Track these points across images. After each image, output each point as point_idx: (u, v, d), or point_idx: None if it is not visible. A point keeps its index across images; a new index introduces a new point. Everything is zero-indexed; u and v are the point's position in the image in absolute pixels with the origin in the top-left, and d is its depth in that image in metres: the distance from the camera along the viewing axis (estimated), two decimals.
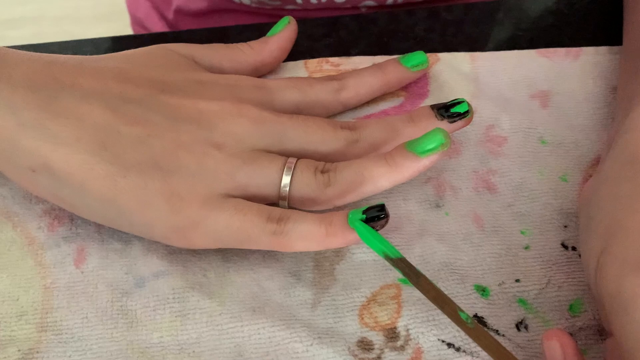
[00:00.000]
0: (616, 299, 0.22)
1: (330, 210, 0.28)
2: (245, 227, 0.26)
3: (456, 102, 0.30)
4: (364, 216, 0.26)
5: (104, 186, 0.26)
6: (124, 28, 0.59)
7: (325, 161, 0.29)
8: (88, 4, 1.18)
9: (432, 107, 0.30)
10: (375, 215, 0.26)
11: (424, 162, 0.27)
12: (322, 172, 0.28)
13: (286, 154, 0.28)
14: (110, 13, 0.85)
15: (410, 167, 0.27)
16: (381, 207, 0.26)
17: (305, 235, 0.26)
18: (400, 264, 0.25)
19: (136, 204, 0.26)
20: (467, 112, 0.30)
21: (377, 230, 0.26)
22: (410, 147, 0.27)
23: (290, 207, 0.28)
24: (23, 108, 0.26)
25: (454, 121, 0.30)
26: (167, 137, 0.27)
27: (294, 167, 0.27)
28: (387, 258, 0.26)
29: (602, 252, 0.23)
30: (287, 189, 0.27)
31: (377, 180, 0.27)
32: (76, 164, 0.26)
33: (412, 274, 0.25)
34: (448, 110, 0.30)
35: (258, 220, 0.26)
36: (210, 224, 0.26)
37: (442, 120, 0.29)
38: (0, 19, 1.18)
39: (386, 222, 0.26)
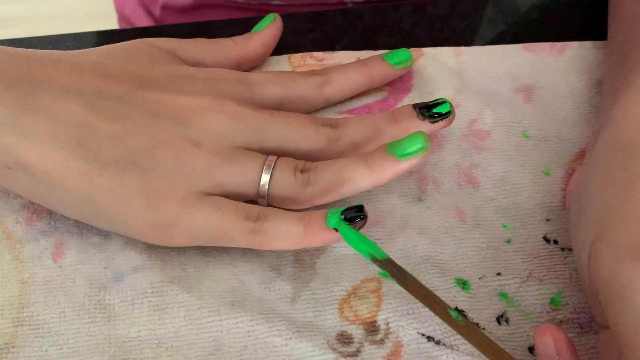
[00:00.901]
0: (612, 286, 0.22)
1: (309, 209, 0.28)
2: (223, 225, 0.26)
3: (438, 103, 0.30)
4: (342, 216, 0.26)
5: (80, 184, 0.26)
6: (115, 27, 0.59)
7: (306, 158, 0.29)
8: (80, 3, 1.18)
9: (414, 106, 0.30)
10: (354, 216, 0.26)
11: (404, 165, 0.27)
12: (302, 171, 0.27)
13: (266, 151, 0.28)
14: (103, 12, 0.85)
15: (390, 170, 0.27)
16: (360, 208, 0.26)
17: (283, 234, 0.26)
18: (388, 265, 0.25)
19: (113, 202, 0.26)
20: (448, 112, 0.29)
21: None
22: (391, 150, 0.27)
23: (269, 205, 0.28)
24: None
25: (436, 121, 0.29)
26: (144, 134, 0.27)
27: (274, 165, 0.27)
28: (374, 259, 0.25)
29: (595, 241, 0.23)
30: (266, 187, 0.27)
31: (357, 181, 0.27)
32: (52, 161, 0.26)
33: (399, 275, 0.25)
34: (430, 110, 0.29)
35: (236, 218, 0.26)
36: (188, 222, 0.26)
37: (423, 120, 0.29)
38: None
39: (364, 223, 0.26)
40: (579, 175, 0.27)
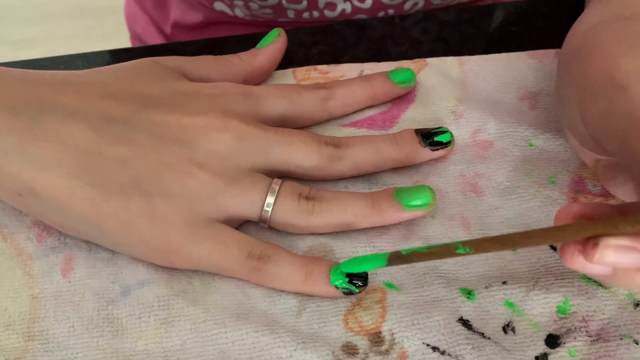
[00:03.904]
0: (611, 83, 0.23)
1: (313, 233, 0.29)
2: (224, 260, 0.27)
3: (440, 131, 0.30)
4: (347, 278, 0.26)
5: (86, 209, 0.26)
6: (128, 45, 0.60)
7: (308, 175, 0.29)
8: (97, 23, 1.20)
9: (417, 132, 0.30)
10: (357, 283, 0.26)
11: (407, 215, 0.28)
12: (307, 198, 0.28)
13: (269, 168, 0.29)
14: (117, 31, 0.87)
15: (392, 216, 0.28)
16: (365, 277, 0.27)
17: (283, 278, 0.27)
18: (393, 262, 0.25)
19: (118, 226, 0.26)
20: (449, 142, 0.30)
21: (353, 293, 0.27)
22: (398, 197, 0.28)
23: (269, 228, 0.29)
24: (5, 133, 0.26)
25: (436, 149, 0.30)
26: (150, 158, 0.27)
27: (278, 191, 0.28)
28: (390, 262, 0.25)
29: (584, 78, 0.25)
30: (269, 213, 0.28)
31: (359, 220, 0.28)
32: (58, 188, 0.26)
33: (399, 261, 0.25)
34: (431, 138, 0.30)
35: (239, 254, 0.27)
36: (191, 251, 0.27)
37: (424, 147, 0.30)
38: (11, 39, 1.21)
39: (364, 289, 0.27)
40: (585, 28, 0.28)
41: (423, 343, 0.26)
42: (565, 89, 0.27)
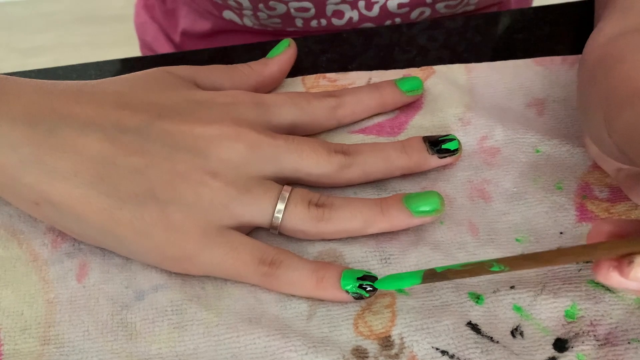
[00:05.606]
0: (637, 94, 0.23)
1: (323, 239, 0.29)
2: (237, 266, 0.27)
3: (447, 139, 0.31)
4: (357, 283, 0.27)
5: (102, 218, 0.27)
6: (137, 53, 0.61)
7: (317, 182, 0.30)
8: (105, 30, 1.21)
9: (424, 139, 0.31)
10: (367, 287, 0.27)
11: (416, 221, 0.28)
12: (317, 205, 0.28)
13: (280, 175, 0.29)
14: (125, 39, 0.88)
15: (401, 222, 0.28)
16: (375, 280, 0.27)
17: (295, 283, 0.27)
18: (428, 279, 0.26)
19: (133, 235, 0.27)
20: (456, 150, 0.31)
21: (363, 298, 0.27)
22: (407, 203, 0.28)
23: (280, 234, 0.29)
24: (22, 144, 0.26)
25: (444, 157, 0.30)
26: (163, 167, 0.27)
27: (288, 198, 0.28)
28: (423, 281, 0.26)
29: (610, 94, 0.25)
30: (279, 220, 0.28)
31: (369, 225, 0.28)
32: (74, 197, 0.27)
33: (434, 278, 0.26)
34: (438, 146, 0.30)
35: (251, 261, 0.27)
36: (204, 258, 0.27)
37: (432, 154, 0.30)
38: (21, 47, 1.22)
39: (374, 294, 0.27)
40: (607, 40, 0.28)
41: (432, 347, 0.26)
42: (588, 99, 0.27)
